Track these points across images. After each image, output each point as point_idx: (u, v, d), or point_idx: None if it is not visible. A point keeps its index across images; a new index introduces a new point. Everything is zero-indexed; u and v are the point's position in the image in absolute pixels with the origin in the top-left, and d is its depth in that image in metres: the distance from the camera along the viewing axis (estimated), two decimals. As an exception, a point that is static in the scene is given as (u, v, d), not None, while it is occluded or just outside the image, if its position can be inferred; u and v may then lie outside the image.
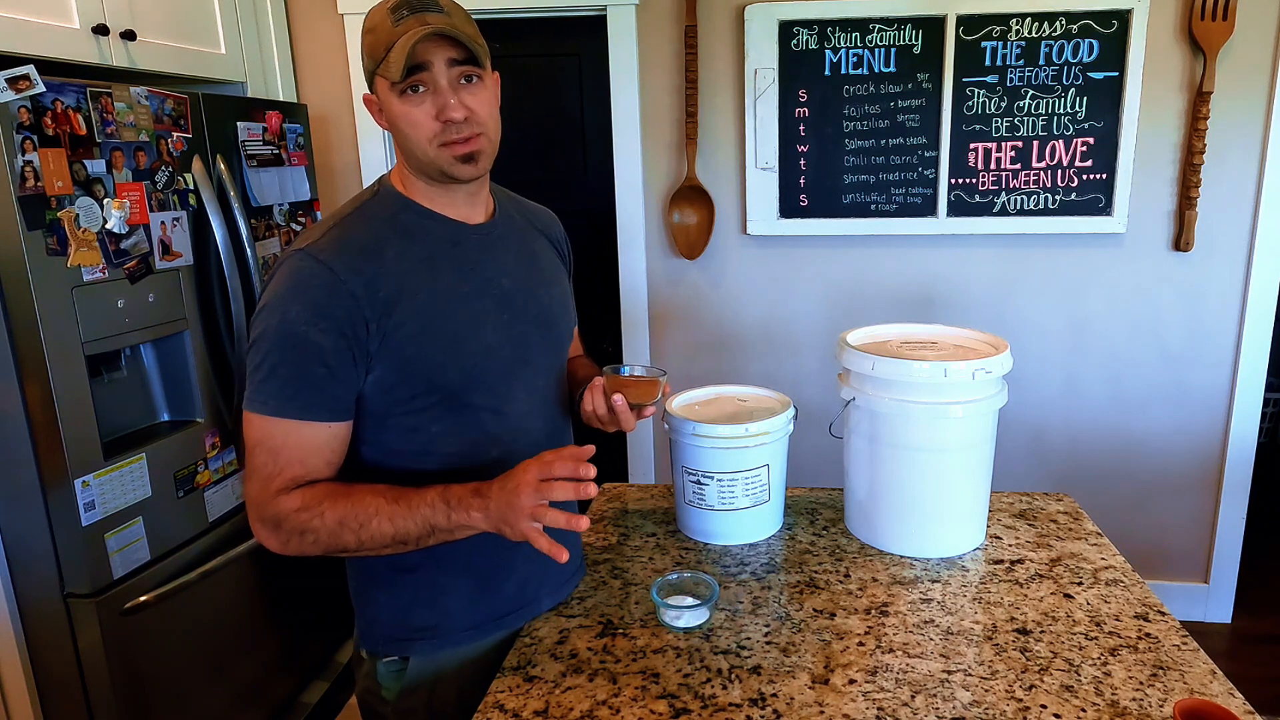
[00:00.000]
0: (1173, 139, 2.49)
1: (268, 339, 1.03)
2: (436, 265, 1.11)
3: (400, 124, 1.07)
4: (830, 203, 2.63)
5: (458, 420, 1.13)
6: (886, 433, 1.37)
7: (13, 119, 1.50)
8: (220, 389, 2.04)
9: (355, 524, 1.02)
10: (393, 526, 1.03)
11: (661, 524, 1.53)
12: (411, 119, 1.06)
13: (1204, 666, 1.08)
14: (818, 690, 1.04)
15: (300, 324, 1.01)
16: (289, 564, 2.30)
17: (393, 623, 1.19)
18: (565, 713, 1.02)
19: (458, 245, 1.14)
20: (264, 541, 1.07)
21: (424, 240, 1.11)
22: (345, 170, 2.83)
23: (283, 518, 1.03)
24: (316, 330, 1.02)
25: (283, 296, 1.03)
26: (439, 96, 1.04)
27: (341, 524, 1.02)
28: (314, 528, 1.03)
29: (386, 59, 1.02)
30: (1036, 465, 2.78)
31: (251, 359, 1.05)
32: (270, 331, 1.02)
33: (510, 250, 1.20)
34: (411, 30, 1.01)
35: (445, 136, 1.06)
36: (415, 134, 1.06)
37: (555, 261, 1.31)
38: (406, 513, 1.03)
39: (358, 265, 1.05)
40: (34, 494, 1.65)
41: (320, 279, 1.03)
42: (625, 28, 2.61)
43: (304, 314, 1.02)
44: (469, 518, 1.02)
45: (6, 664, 1.72)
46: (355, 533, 1.03)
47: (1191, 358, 2.64)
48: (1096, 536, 1.44)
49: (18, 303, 1.57)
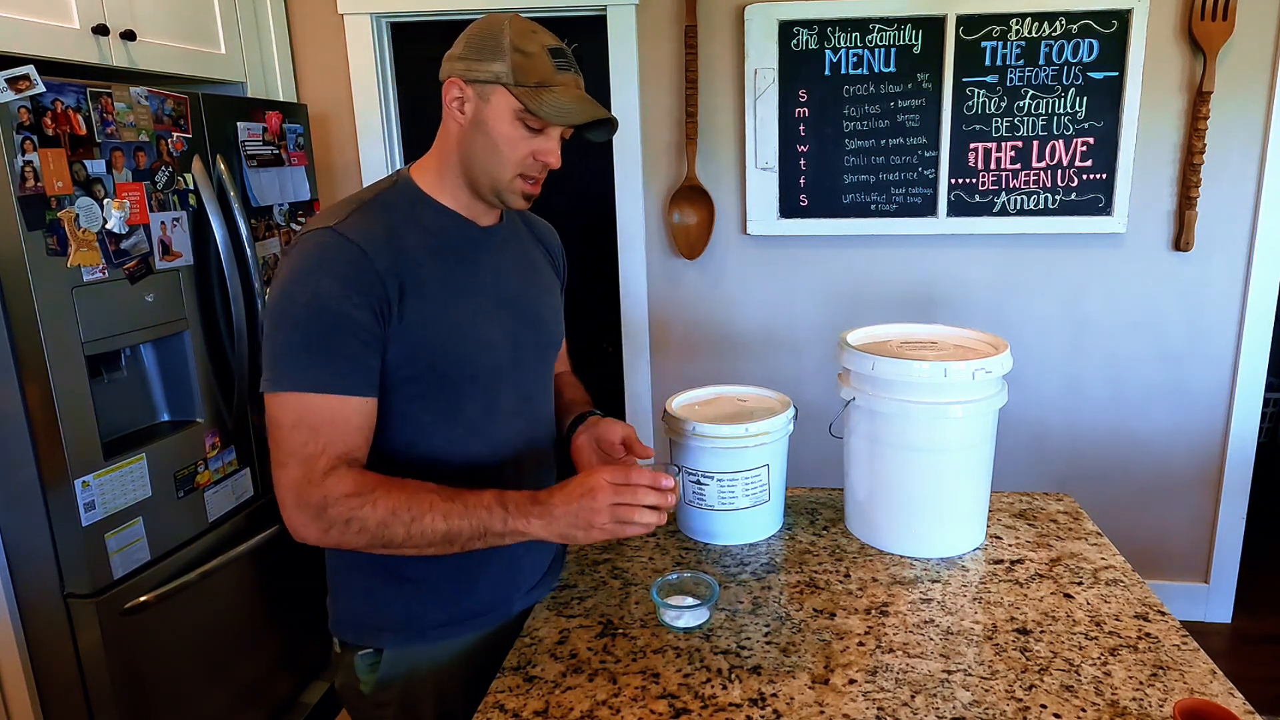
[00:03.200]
0: (1173, 139, 2.49)
1: (298, 314, 1.01)
2: (447, 258, 1.13)
3: (497, 141, 1.09)
4: (830, 203, 2.63)
5: (448, 412, 1.14)
6: (886, 433, 1.37)
7: (13, 119, 1.50)
8: (220, 389, 2.04)
9: (408, 516, 1.01)
10: (446, 524, 1.01)
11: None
12: (515, 143, 1.09)
13: (1204, 666, 1.08)
14: (818, 690, 1.04)
15: (333, 297, 1.01)
16: (289, 564, 2.30)
17: (365, 612, 1.19)
18: (565, 713, 1.02)
19: (467, 242, 1.16)
20: (300, 531, 1.03)
21: (437, 233, 1.13)
22: (345, 170, 2.83)
23: (330, 503, 1.00)
24: (349, 304, 1.01)
25: (311, 271, 1.02)
26: (549, 143, 1.10)
27: (394, 514, 1.00)
28: (362, 516, 1.00)
29: (539, 94, 1.05)
30: (1036, 465, 2.78)
31: (278, 336, 1.02)
32: (300, 306, 1.01)
33: (512, 254, 1.24)
34: (573, 89, 1.07)
35: (531, 172, 1.11)
36: (510, 156, 1.09)
37: (551, 273, 1.34)
38: (463, 511, 1.02)
39: (381, 246, 1.06)
40: (34, 494, 1.65)
41: (349, 254, 1.03)
42: (625, 28, 2.61)
43: (336, 287, 1.01)
44: (527, 525, 1.02)
45: (6, 664, 1.72)
46: (406, 526, 1.01)
47: (1191, 357, 2.64)
48: (1096, 536, 1.44)
49: (18, 303, 1.57)
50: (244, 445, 2.12)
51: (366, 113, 2.75)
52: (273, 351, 1.03)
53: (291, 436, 1.01)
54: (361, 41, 2.70)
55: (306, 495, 1.01)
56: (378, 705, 1.22)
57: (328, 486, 1.00)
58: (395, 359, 1.07)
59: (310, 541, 1.04)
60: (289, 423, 1.01)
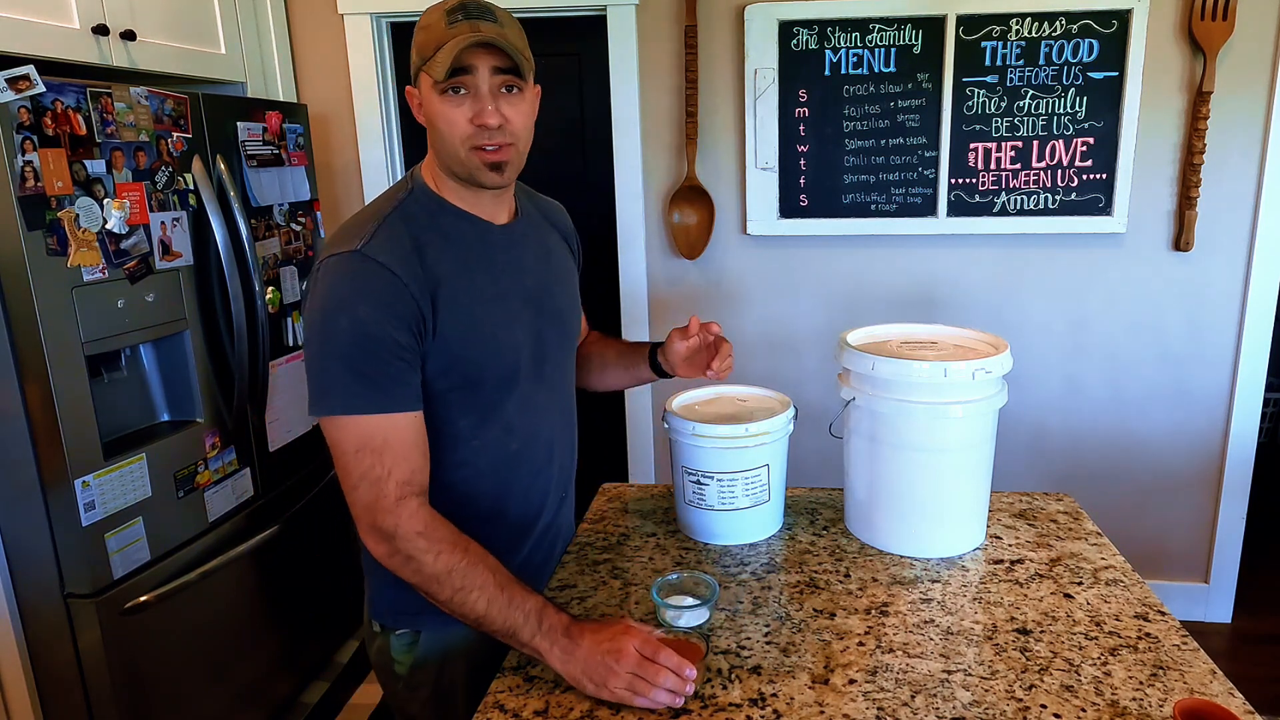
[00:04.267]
0: (1173, 139, 2.49)
1: (341, 340, 1.05)
2: (471, 266, 1.15)
3: (437, 122, 1.10)
4: (830, 203, 2.63)
5: (485, 414, 1.18)
6: (886, 433, 1.37)
7: (13, 119, 1.50)
8: (220, 389, 2.04)
9: (459, 583, 1.05)
10: (485, 610, 1.05)
11: (661, 524, 1.53)
12: (449, 118, 1.09)
13: (1204, 666, 1.08)
14: (818, 690, 1.04)
15: (373, 323, 1.04)
16: (289, 564, 2.30)
17: (404, 597, 1.20)
18: (565, 713, 1.02)
19: (487, 246, 1.18)
20: (373, 549, 1.08)
21: (459, 241, 1.16)
22: (345, 170, 2.83)
23: (401, 536, 1.05)
24: (389, 326, 1.05)
25: (348, 298, 1.05)
26: (478, 101, 1.08)
27: (449, 574, 1.05)
28: (423, 563, 1.05)
29: (434, 58, 1.06)
30: (1036, 465, 2.78)
31: (320, 363, 1.06)
32: (344, 332, 1.05)
33: (530, 250, 1.26)
34: (462, 35, 1.05)
35: (477, 140, 1.09)
36: (450, 133, 1.09)
37: (566, 257, 1.36)
38: (504, 606, 1.05)
39: (411, 267, 1.09)
40: (34, 494, 1.65)
41: (383, 279, 1.06)
42: (625, 28, 2.61)
43: (375, 313, 1.05)
44: (549, 650, 1.04)
45: (6, 664, 1.72)
46: (453, 591, 1.05)
47: (1191, 358, 2.64)
48: (1096, 536, 1.44)
49: (18, 303, 1.57)
50: (244, 445, 2.12)
51: (366, 113, 2.75)
52: (322, 378, 1.07)
53: (358, 461, 1.05)
54: (361, 41, 2.70)
55: (379, 521, 1.06)
56: (412, 686, 1.26)
57: (400, 516, 1.05)
58: (432, 372, 1.11)
59: (378, 558, 1.09)
60: (352, 448, 1.06)
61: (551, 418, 1.29)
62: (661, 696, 1.00)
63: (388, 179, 2.80)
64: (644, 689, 0.99)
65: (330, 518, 2.53)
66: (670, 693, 1.00)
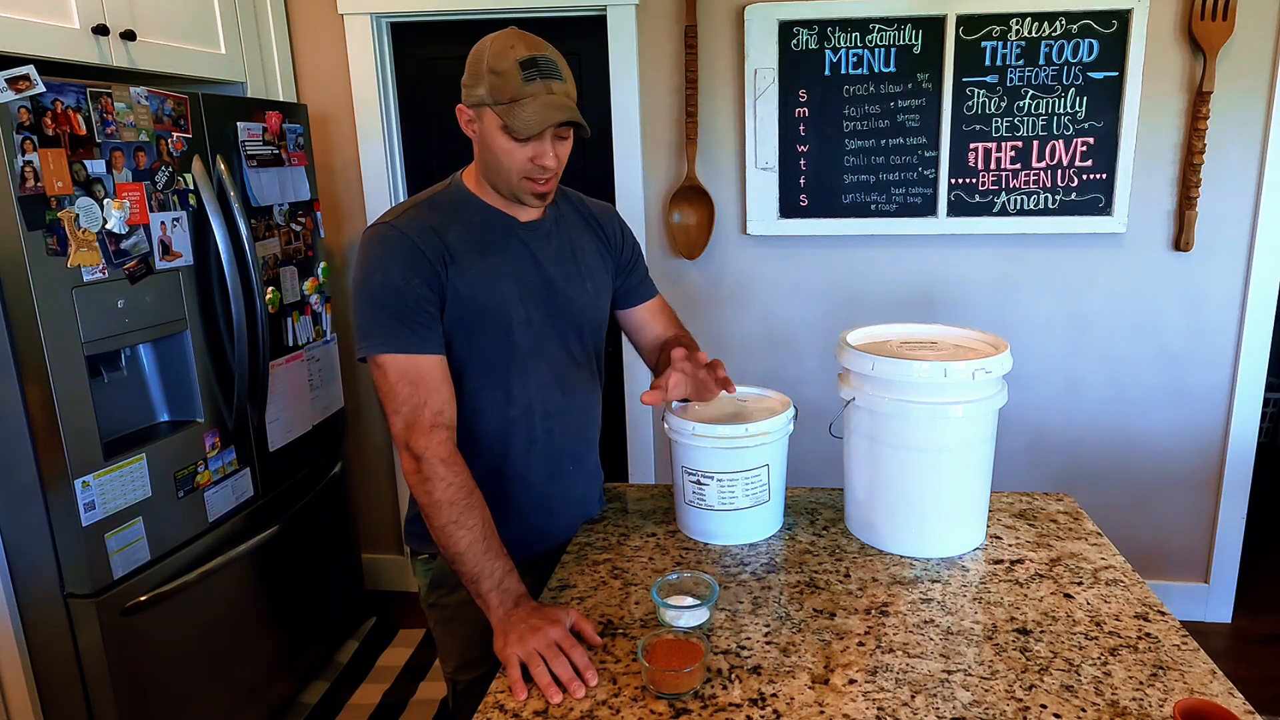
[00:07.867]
0: (1173, 139, 2.49)
1: (376, 294, 1.24)
2: (486, 248, 1.32)
3: (497, 152, 1.26)
4: (830, 203, 2.63)
5: (486, 379, 1.34)
6: (886, 433, 1.37)
7: (13, 119, 1.50)
8: (220, 389, 2.04)
9: (453, 516, 1.21)
10: (465, 549, 1.20)
11: (661, 524, 1.53)
12: (509, 152, 1.26)
13: (1204, 666, 1.08)
14: (818, 690, 1.04)
15: (400, 279, 1.24)
16: (289, 564, 2.30)
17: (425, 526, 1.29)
18: (565, 713, 1.02)
19: (506, 235, 1.35)
20: (405, 467, 1.24)
21: (480, 228, 1.33)
22: (345, 170, 2.83)
23: (427, 459, 1.21)
24: (414, 282, 1.24)
25: (379, 260, 1.25)
26: (539, 146, 1.25)
27: (449, 505, 1.20)
28: (435, 487, 1.21)
29: (511, 109, 1.21)
30: (1036, 465, 2.78)
31: (363, 314, 1.25)
32: (377, 288, 1.24)
33: (552, 245, 1.40)
34: (539, 96, 1.21)
35: (531, 174, 1.27)
36: (508, 164, 1.26)
37: (600, 256, 1.47)
38: (481, 554, 1.20)
39: (430, 239, 1.27)
40: (34, 494, 1.65)
41: (404, 244, 1.26)
42: (625, 28, 2.61)
43: (400, 271, 1.24)
44: (496, 608, 1.18)
45: (6, 664, 1.72)
46: (446, 521, 1.20)
47: (1191, 357, 2.64)
48: (1096, 536, 1.44)
49: (18, 303, 1.57)
50: (244, 445, 2.12)
51: (366, 113, 2.75)
52: (365, 325, 1.25)
53: (398, 390, 1.23)
54: (361, 41, 2.70)
55: (413, 441, 1.22)
56: (429, 606, 1.46)
57: (431, 441, 1.22)
58: (448, 324, 1.29)
59: (405, 475, 1.24)
60: (393, 379, 1.23)
61: (552, 395, 1.40)
62: (544, 677, 1.06)
63: (387, 179, 2.80)
64: (537, 665, 1.08)
65: (330, 518, 2.53)
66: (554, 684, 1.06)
